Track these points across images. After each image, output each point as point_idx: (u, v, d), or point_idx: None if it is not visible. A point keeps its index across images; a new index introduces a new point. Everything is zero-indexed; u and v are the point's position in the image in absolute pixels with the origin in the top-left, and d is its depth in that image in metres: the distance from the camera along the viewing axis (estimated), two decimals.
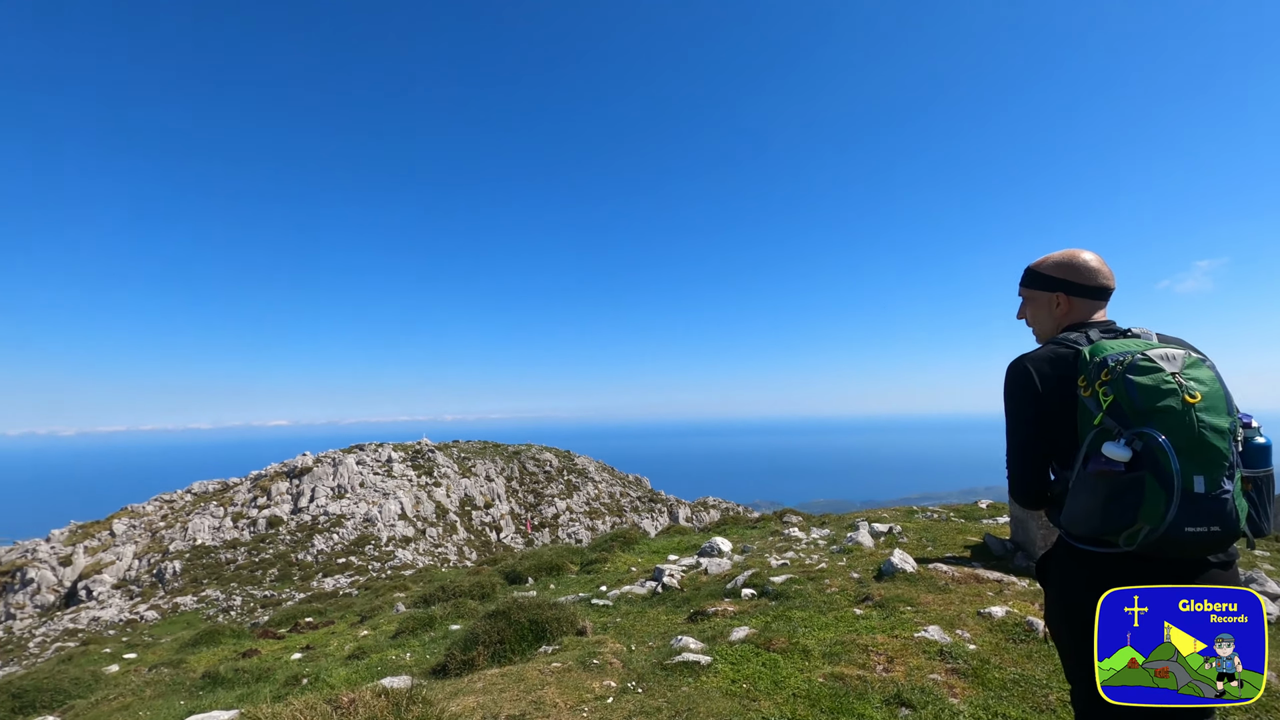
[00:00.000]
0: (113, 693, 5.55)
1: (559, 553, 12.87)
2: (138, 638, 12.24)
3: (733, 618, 6.04)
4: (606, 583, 10.51)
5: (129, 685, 5.80)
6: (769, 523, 17.32)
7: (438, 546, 61.05)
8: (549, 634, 5.78)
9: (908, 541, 8.60)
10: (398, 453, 75.66)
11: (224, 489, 68.40)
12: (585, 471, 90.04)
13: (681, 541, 14.58)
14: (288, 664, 8.21)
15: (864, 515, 12.90)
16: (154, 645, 11.26)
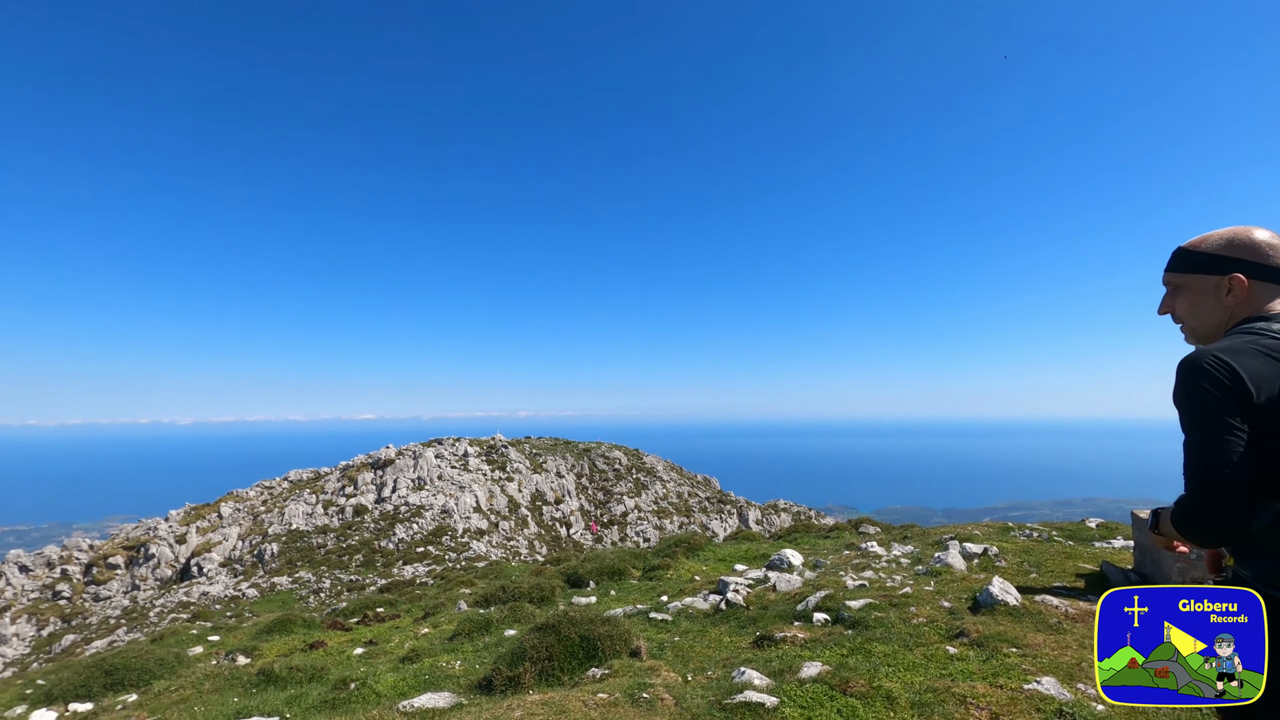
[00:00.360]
0: (175, 684, 5.68)
1: (621, 556, 12.51)
2: (223, 620, 12.89)
3: (803, 646, 5.39)
4: (668, 591, 10.03)
5: (191, 677, 5.94)
6: (843, 533, 16.23)
7: (510, 540, 62.71)
8: (600, 653, 5.37)
9: (1006, 566, 7.55)
10: (473, 447, 78.40)
11: (316, 477, 73.23)
12: (654, 470, 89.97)
13: (749, 549, 13.87)
14: (348, 660, 8.28)
15: (952, 530, 11.71)
16: (236, 629, 11.86)
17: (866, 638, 5.26)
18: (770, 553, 13.18)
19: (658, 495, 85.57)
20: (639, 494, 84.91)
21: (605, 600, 9.97)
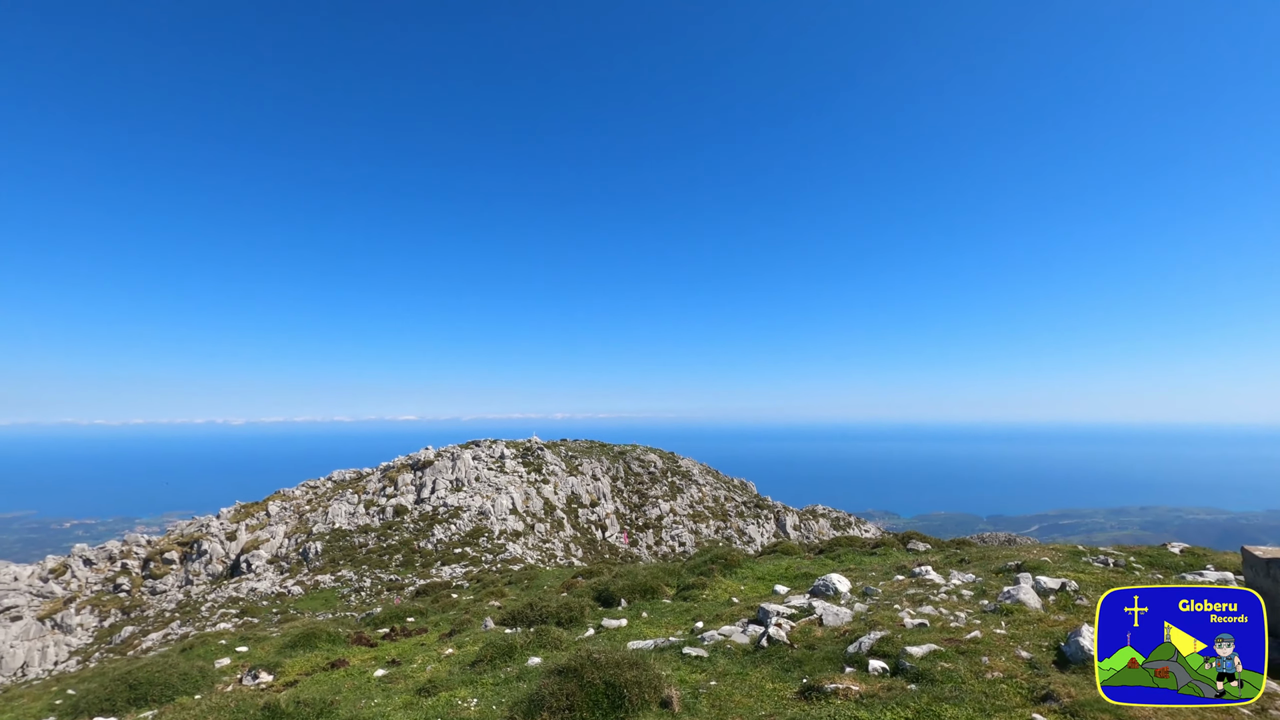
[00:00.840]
0: (178, 716, 5.39)
1: (654, 573, 11.91)
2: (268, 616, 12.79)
3: (859, 704, 4.70)
4: (704, 615, 9.38)
5: (195, 710, 5.65)
6: (890, 550, 15.26)
7: (545, 542, 62.78)
8: (627, 702, 4.81)
9: (1089, 605, 6.63)
10: (510, 449, 78.94)
11: (358, 477, 74.91)
12: (689, 474, 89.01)
13: (790, 567, 13.07)
14: (367, 683, 7.95)
15: (1015, 554, 10.69)
16: (264, 639, 11.77)
17: (934, 696, 4.54)
18: (813, 572, 12.36)
19: (693, 499, 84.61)
20: (674, 497, 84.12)
21: (636, 623, 9.39)
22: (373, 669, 8.71)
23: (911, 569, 10.01)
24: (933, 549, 15.09)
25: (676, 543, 77.03)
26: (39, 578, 56.56)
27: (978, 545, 14.97)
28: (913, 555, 14.30)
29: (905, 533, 18.98)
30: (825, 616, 6.99)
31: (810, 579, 11.68)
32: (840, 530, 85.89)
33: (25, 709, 9.04)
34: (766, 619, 7.60)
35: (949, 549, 15.15)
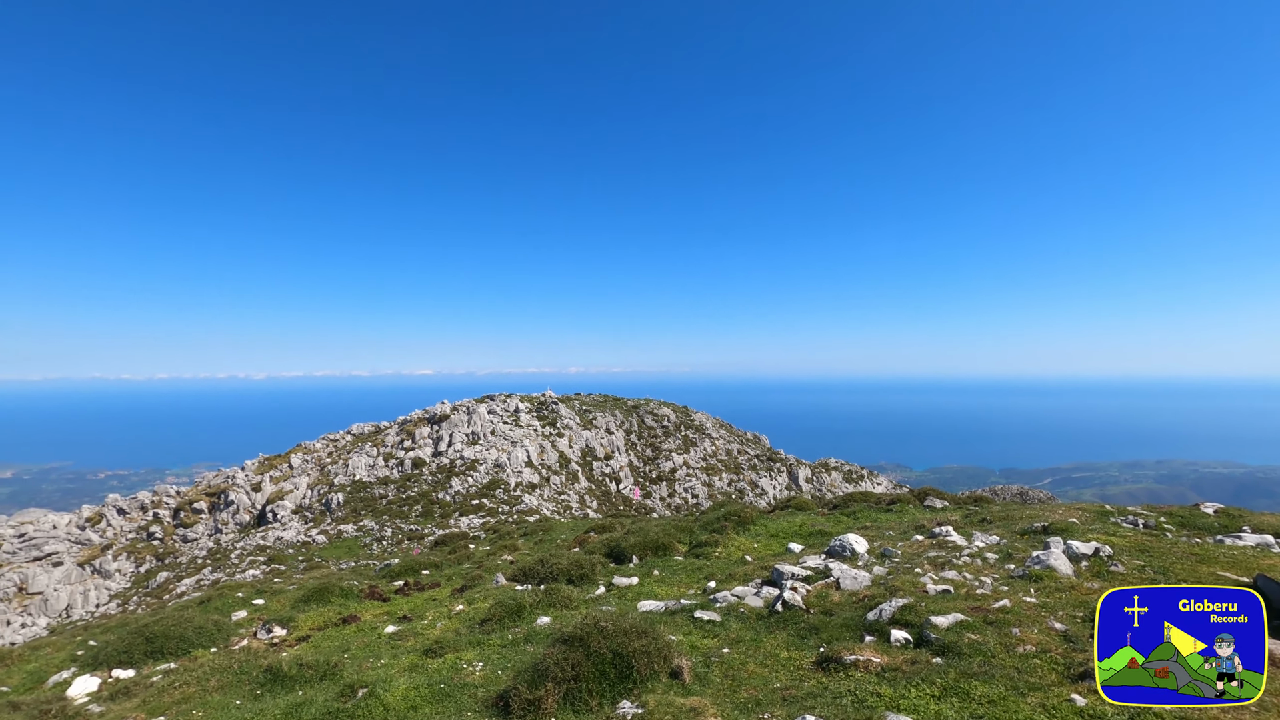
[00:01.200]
0: (180, 679, 5.35)
1: (666, 530, 11.78)
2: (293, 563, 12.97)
3: (880, 677, 4.44)
4: (716, 574, 9.22)
5: (198, 671, 5.60)
6: (907, 507, 15.00)
7: (561, 494, 63.92)
8: (635, 672, 4.60)
9: (1124, 572, 6.24)
10: (524, 404, 79.65)
11: (376, 431, 76.25)
12: (703, 428, 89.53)
13: (804, 524, 12.89)
14: (377, 640, 7.94)
15: (1040, 513, 10.32)
16: (280, 593, 11.95)
17: (961, 671, 4.26)
18: (828, 530, 12.15)
19: (706, 452, 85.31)
20: (688, 451, 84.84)
21: (647, 581, 9.28)
22: (384, 625, 8.73)
23: (931, 529, 9.71)
24: (950, 506, 14.81)
25: (689, 495, 78.11)
26: (76, 526, 58.92)
27: (998, 503, 14.64)
28: (930, 513, 14.04)
29: (921, 489, 18.69)
30: (842, 580, 6.74)
31: (825, 537, 11.47)
32: (853, 483, 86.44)
33: (49, 659, 9.27)
34: (781, 580, 7.37)
35: (967, 506, 14.85)
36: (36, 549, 53.39)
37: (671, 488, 76.15)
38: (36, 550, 53.20)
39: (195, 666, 5.50)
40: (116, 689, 6.71)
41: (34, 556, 52.68)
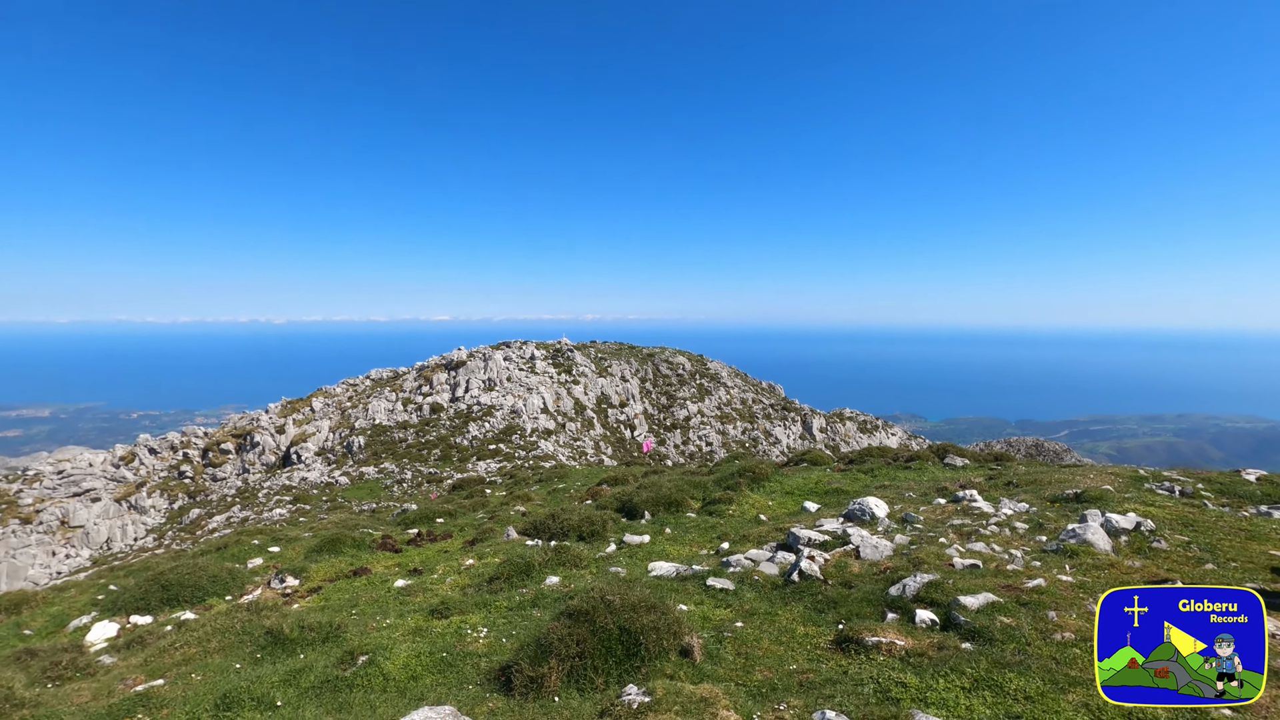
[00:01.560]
0: (181, 639, 5.31)
1: (679, 485, 11.60)
2: (283, 532, 13.18)
3: (905, 663, 4.16)
4: (729, 533, 9.04)
5: (199, 632, 5.56)
6: (926, 465, 14.65)
7: (576, 440, 64.77)
8: (643, 650, 4.38)
9: (1168, 549, 5.82)
10: (540, 350, 79.89)
11: (395, 376, 77.25)
12: (717, 376, 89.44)
13: (820, 480, 12.62)
14: (386, 594, 7.92)
15: (1068, 477, 9.89)
16: (295, 541, 12.11)
17: (994, 661, 3.95)
18: (844, 488, 11.89)
19: (721, 401, 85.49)
20: (702, 399, 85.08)
21: (659, 540, 9.13)
22: (394, 578, 8.74)
23: (954, 491, 9.37)
24: (972, 465, 14.42)
25: (704, 443, 78.76)
26: (111, 464, 61.21)
27: (1022, 463, 14.22)
28: (951, 471, 13.69)
29: (941, 445, 18.32)
30: (862, 548, 6.45)
31: (842, 496, 11.22)
32: (867, 434, 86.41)
33: (71, 602, 9.52)
34: (797, 545, 7.11)
35: (989, 465, 14.45)
36: (75, 485, 55.73)
37: (686, 436, 76.83)
38: (75, 486, 55.54)
39: (198, 625, 5.46)
40: (131, 638, 6.79)
41: (73, 492, 55.06)
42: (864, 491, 11.37)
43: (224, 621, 5.42)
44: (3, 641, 8.10)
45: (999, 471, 11.63)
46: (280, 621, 5.23)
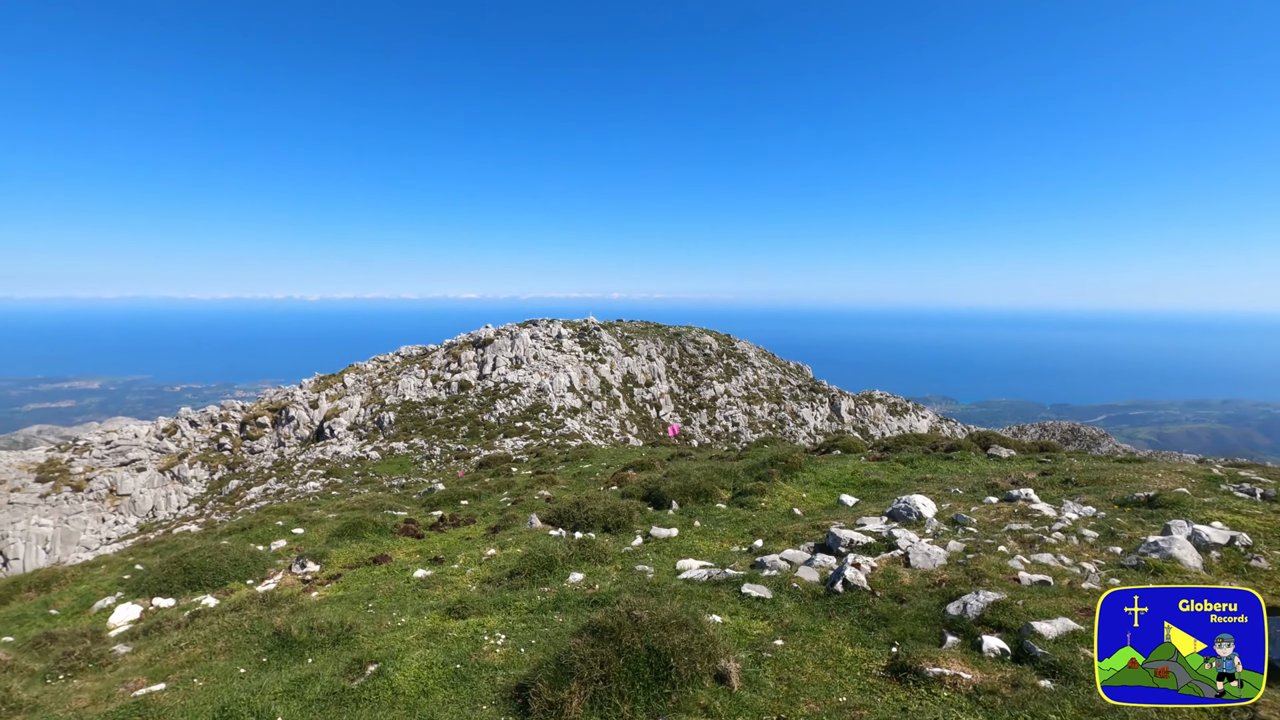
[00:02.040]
0: (188, 637, 5.09)
1: (709, 475, 11.13)
2: (307, 513, 13.16)
3: (974, 702, 3.63)
4: (762, 528, 8.55)
5: (205, 630, 5.34)
6: (969, 455, 13.89)
7: (602, 419, 64.83)
8: (674, 675, 3.94)
9: (1268, 568, 5.12)
10: (566, 329, 79.92)
11: (424, 354, 78.19)
12: (745, 356, 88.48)
13: (856, 471, 12.01)
14: (405, 584, 7.68)
15: (1132, 476, 9.09)
16: (319, 523, 12.05)
17: (1083, 707, 3.38)
18: (883, 480, 11.25)
19: (748, 381, 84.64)
20: (729, 379, 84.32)
21: (687, 533, 8.69)
22: (414, 567, 8.51)
23: (1006, 489, 8.68)
24: (1018, 456, 13.61)
25: (730, 423, 78.19)
26: (155, 435, 63.43)
27: (1075, 456, 13.35)
28: (996, 464, 12.92)
29: (982, 432, 17.46)
30: (912, 554, 5.88)
31: (881, 489, 10.61)
32: (897, 416, 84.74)
33: (99, 581, 9.56)
34: (837, 546, 6.59)
35: (1036, 456, 13.63)
36: (122, 455, 57.98)
37: (712, 415, 76.35)
38: (122, 456, 57.79)
39: (206, 623, 5.26)
40: (150, 623, 6.68)
41: (120, 462, 57.31)
42: (905, 485, 10.74)
43: (232, 619, 5.20)
44: (29, 621, 8.17)
45: (1051, 466, 10.85)
46: (289, 622, 4.97)
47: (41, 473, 55.01)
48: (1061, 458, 13.03)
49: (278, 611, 5.48)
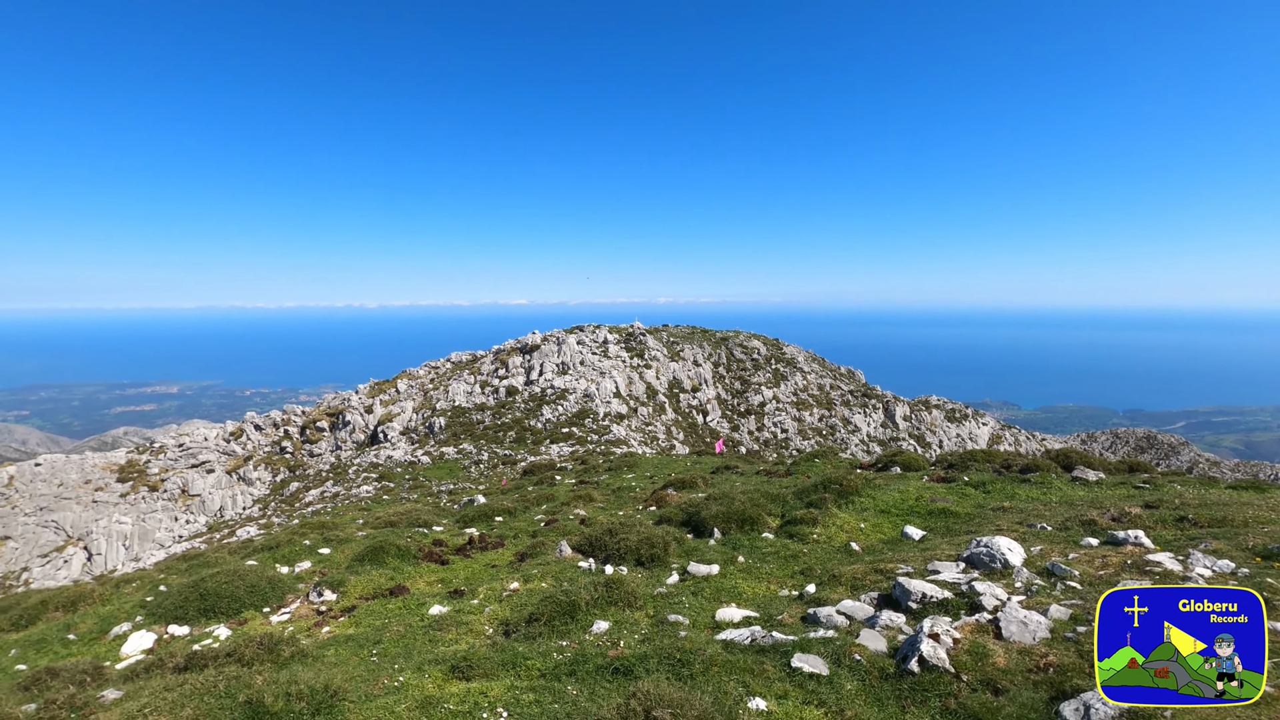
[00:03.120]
0: (155, 702, 4.58)
1: (754, 499, 10.13)
2: (336, 531, 12.84)
3: None
4: (815, 568, 7.49)
5: (169, 697, 4.80)
6: (1050, 478, 12.36)
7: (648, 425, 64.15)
8: None
9: None
10: (612, 334, 79.75)
11: (473, 359, 79.50)
12: (794, 361, 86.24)
13: (920, 497, 10.73)
14: (420, 621, 7.07)
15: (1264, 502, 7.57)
16: (346, 543, 11.70)
17: None
18: (954, 509, 9.95)
19: (797, 386, 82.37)
20: (778, 385, 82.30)
21: (730, 570, 7.74)
22: (431, 601, 7.90)
23: (1107, 528, 7.34)
24: (1109, 480, 11.97)
25: (778, 429, 76.18)
26: (223, 439, 66.57)
27: (1178, 479, 11.64)
28: (1084, 489, 11.38)
29: (1063, 451, 15.70)
30: (1004, 622, 4.78)
31: (950, 519, 9.37)
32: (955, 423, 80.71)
33: (125, 600, 9.42)
34: (907, 602, 5.54)
35: (1130, 481, 11.94)
36: (193, 457, 61.04)
37: (760, 422, 74.62)
38: (192, 459, 60.84)
39: (177, 684, 4.77)
40: (152, 661, 6.30)
41: (191, 464, 60.35)
42: (978, 515, 9.45)
43: (209, 679, 4.68)
44: (46, 647, 8.03)
45: (1155, 496, 9.30)
46: (263, 691, 4.38)
47: (122, 473, 58.50)
48: (1163, 484, 11.37)
49: (261, 669, 4.92)
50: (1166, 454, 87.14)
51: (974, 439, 77.65)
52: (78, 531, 50.51)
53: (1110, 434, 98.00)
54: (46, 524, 50.36)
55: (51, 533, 50.21)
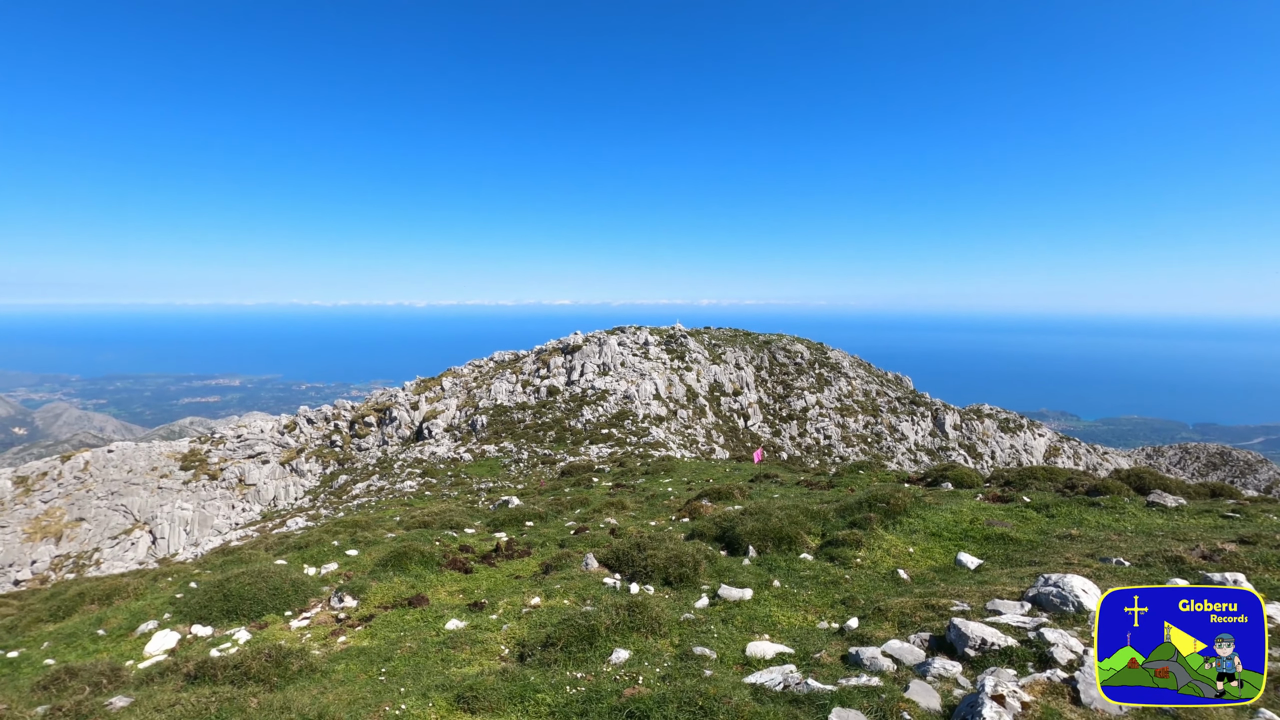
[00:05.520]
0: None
1: (793, 516, 9.48)
2: (364, 532, 12.79)
3: None
4: (858, 598, 6.83)
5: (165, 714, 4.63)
6: (1122, 502, 11.24)
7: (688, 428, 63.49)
8: None
9: None
10: (653, 336, 79.38)
11: (515, 359, 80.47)
12: (838, 366, 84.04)
13: (974, 519, 9.87)
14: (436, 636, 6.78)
15: None
16: (374, 545, 11.63)
17: None
18: (1012, 535, 9.05)
19: (842, 392, 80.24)
20: (821, 390, 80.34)
21: (764, 596, 7.16)
22: (449, 614, 7.62)
23: (1196, 567, 6.46)
24: (1190, 507, 10.79)
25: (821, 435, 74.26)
26: (277, 431, 69.29)
27: (1267, 507, 10.39)
28: (1162, 515, 10.29)
29: (1136, 471, 14.37)
30: (1082, 685, 4.09)
31: (1010, 547, 8.52)
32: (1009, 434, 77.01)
33: (158, 595, 9.56)
34: (964, 648, 4.89)
35: (1217, 508, 10.72)
36: (250, 448, 63.72)
37: (802, 427, 72.91)
38: (249, 450, 63.50)
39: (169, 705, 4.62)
40: (167, 666, 6.24)
41: (248, 455, 62.99)
42: (1042, 543, 8.57)
43: (200, 701, 4.48)
44: (76, 642, 8.17)
45: (1249, 528, 8.22)
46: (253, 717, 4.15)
47: (185, 462, 61.55)
48: (1256, 513, 10.15)
49: (258, 691, 4.71)
50: (1242, 471, 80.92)
51: (1029, 450, 73.90)
52: (144, 516, 53.36)
53: (1179, 448, 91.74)
54: (116, 508, 53.39)
55: (121, 516, 53.20)
